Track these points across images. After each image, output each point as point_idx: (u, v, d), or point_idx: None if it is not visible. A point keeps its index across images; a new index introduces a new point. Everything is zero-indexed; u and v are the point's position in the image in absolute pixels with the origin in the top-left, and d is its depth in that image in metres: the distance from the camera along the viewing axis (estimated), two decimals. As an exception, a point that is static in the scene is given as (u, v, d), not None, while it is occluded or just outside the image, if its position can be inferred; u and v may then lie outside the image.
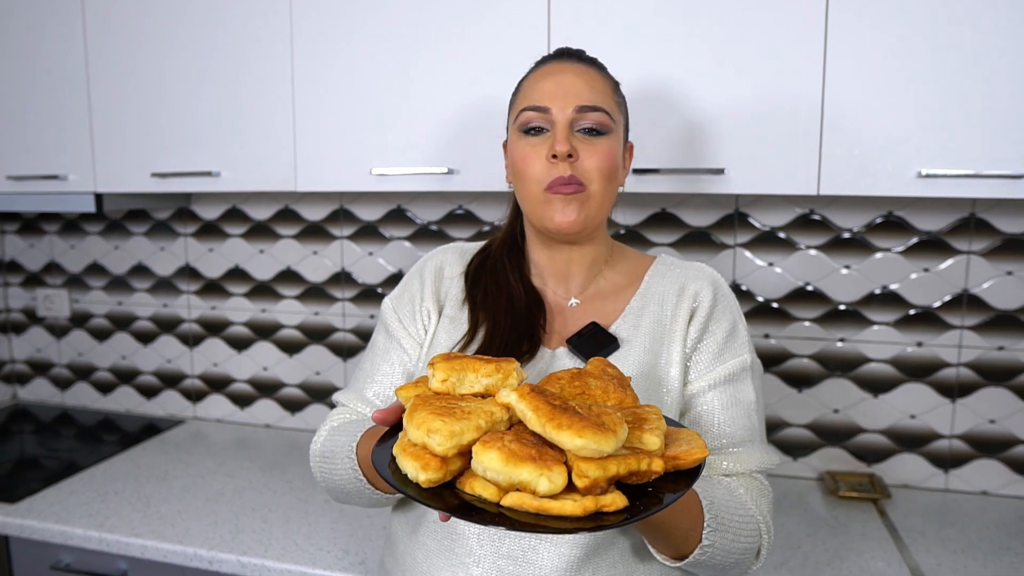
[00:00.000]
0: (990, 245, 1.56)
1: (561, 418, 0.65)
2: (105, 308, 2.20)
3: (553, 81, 0.99)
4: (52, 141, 1.74)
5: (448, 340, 1.04)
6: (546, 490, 0.63)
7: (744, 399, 0.99)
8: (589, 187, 0.97)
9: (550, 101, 0.97)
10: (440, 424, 0.67)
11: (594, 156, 0.97)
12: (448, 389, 0.76)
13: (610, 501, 0.64)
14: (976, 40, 1.21)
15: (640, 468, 0.68)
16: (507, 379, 0.77)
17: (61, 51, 1.70)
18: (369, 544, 1.39)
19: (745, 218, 1.67)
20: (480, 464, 0.65)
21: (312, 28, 1.51)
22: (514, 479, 0.64)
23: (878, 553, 1.35)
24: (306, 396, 2.04)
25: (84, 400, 2.26)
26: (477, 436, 0.68)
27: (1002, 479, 1.61)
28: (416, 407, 0.71)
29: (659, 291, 1.04)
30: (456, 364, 0.77)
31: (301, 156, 1.56)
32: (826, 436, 1.69)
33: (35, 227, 2.23)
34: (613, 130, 0.99)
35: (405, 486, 0.67)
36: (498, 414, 0.71)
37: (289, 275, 2.00)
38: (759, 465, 0.98)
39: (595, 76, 1.01)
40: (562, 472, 0.64)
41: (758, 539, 0.93)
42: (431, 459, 0.67)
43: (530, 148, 0.99)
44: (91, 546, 1.44)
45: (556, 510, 0.63)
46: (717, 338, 1.00)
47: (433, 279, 1.10)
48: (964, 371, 1.60)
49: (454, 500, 0.66)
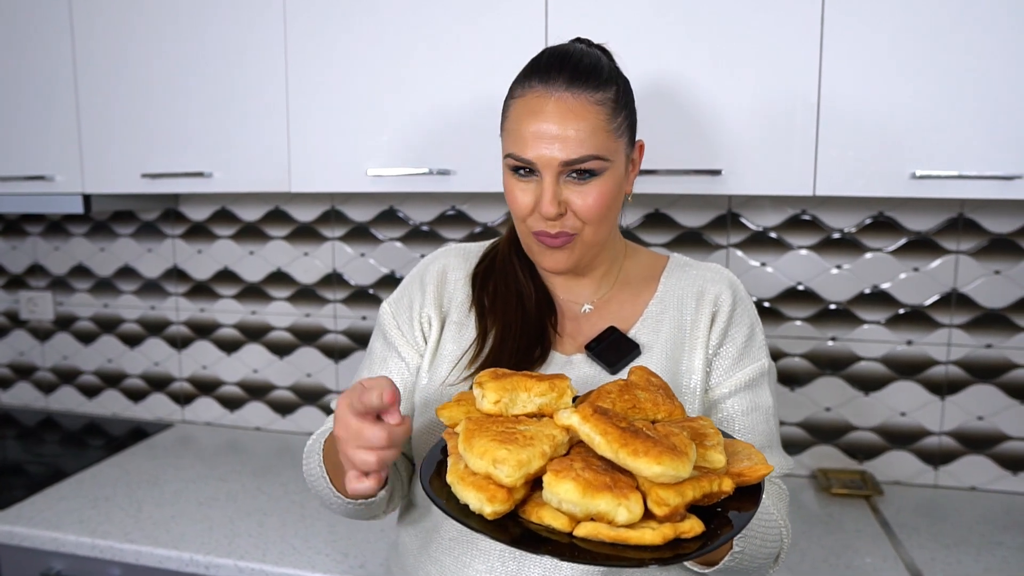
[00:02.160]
0: (978, 245, 1.58)
1: (636, 444, 0.62)
2: (90, 311, 2.16)
3: (536, 129, 0.90)
4: (39, 141, 1.70)
5: (457, 348, 1.00)
6: (625, 520, 0.61)
7: (763, 404, 0.99)
8: (580, 233, 0.94)
9: (534, 153, 0.90)
10: (506, 453, 0.64)
11: (584, 202, 0.91)
12: (501, 411, 0.73)
13: (688, 527, 0.62)
14: (970, 42, 1.23)
15: (712, 490, 0.66)
16: (561, 398, 0.74)
17: (48, 48, 1.67)
18: (369, 547, 1.38)
19: (738, 218, 1.69)
20: (555, 496, 0.63)
21: (306, 27, 1.50)
22: (591, 509, 0.62)
23: (873, 549, 1.37)
24: (297, 398, 2.02)
25: (69, 404, 2.23)
26: (544, 463, 0.65)
27: (990, 474, 1.64)
28: (472, 432, 0.67)
29: (677, 294, 1.02)
30: (507, 383, 0.74)
31: (295, 156, 1.54)
32: (818, 434, 1.71)
33: (18, 228, 2.19)
34: (608, 167, 0.92)
35: (466, 517, 0.64)
36: (560, 437, 0.68)
37: (280, 276, 1.99)
38: (778, 470, 0.98)
39: (584, 109, 0.90)
40: (639, 501, 0.62)
41: (779, 544, 0.92)
42: (497, 490, 0.64)
43: (520, 190, 0.94)
44: (84, 552, 1.42)
45: (635, 539, 0.60)
46: (737, 343, 0.99)
47: (435, 284, 1.05)
48: (953, 369, 1.63)
49: (519, 530, 0.63)
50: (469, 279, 1.06)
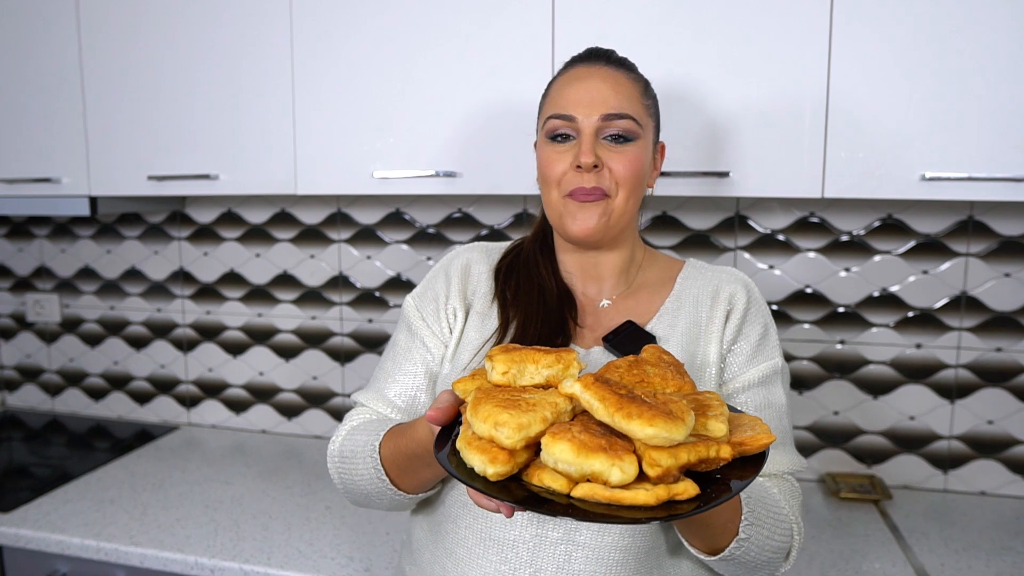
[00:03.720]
0: (988, 247, 1.57)
1: (630, 407, 0.64)
2: (97, 313, 2.17)
3: (579, 88, 0.98)
4: (45, 143, 1.71)
5: (479, 337, 1.02)
6: (618, 480, 0.63)
7: (776, 402, 1.00)
8: (613, 196, 0.98)
9: (575, 109, 0.97)
10: (507, 417, 0.66)
11: (620, 164, 0.97)
12: (509, 381, 0.75)
13: (682, 489, 0.64)
14: (980, 44, 1.22)
15: (709, 455, 0.67)
16: (568, 369, 0.77)
17: (55, 50, 1.67)
18: (374, 550, 1.38)
19: (745, 221, 1.68)
20: (551, 456, 0.65)
21: (313, 28, 1.50)
22: (586, 470, 0.64)
23: (882, 554, 1.36)
24: (303, 401, 2.02)
25: (75, 406, 2.23)
26: (544, 428, 0.67)
27: (1000, 479, 1.62)
28: (479, 400, 0.70)
29: (693, 293, 1.04)
30: (516, 356, 0.77)
31: (301, 158, 1.54)
32: (826, 438, 1.69)
33: (25, 231, 2.19)
34: (640, 136, 0.99)
35: (472, 480, 0.67)
36: (563, 405, 0.70)
37: (286, 279, 1.99)
38: (790, 467, 0.99)
39: (623, 79, 1.00)
40: (633, 462, 0.64)
41: (790, 539, 0.92)
42: (499, 452, 0.66)
43: (556, 154, 0.99)
44: (88, 555, 1.42)
45: (629, 500, 0.63)
46: (751, 340, 1.01)
47: (460, 277, 1.08)
48: (963, 372, 1.61)
49: (522, 492, 0.66)
50: (492, 273, 1.09)
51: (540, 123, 1.04)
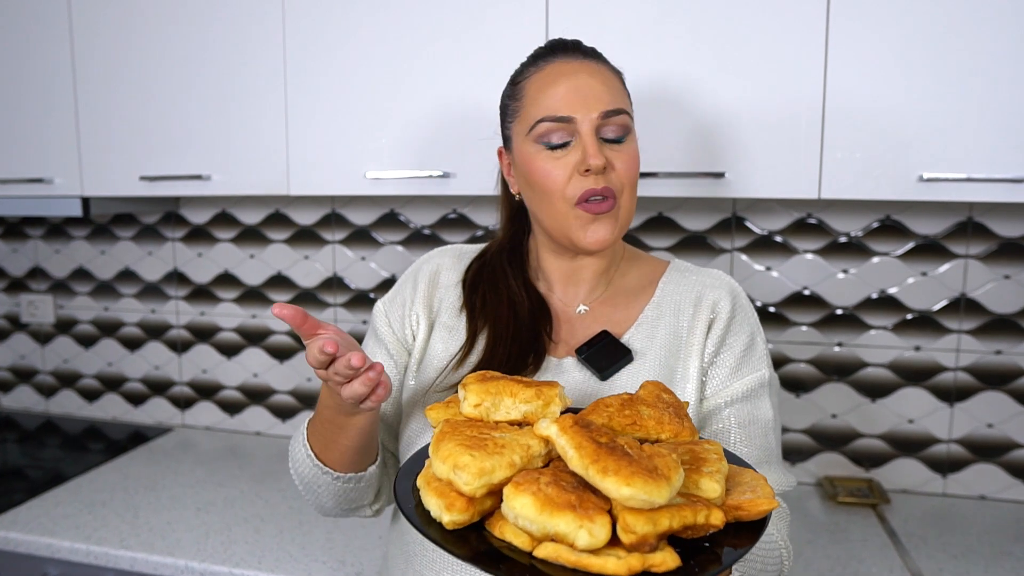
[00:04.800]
0: (988, 249, 1.55)
1: (607, 460, 0.56)
2: (91, 314, 2.16)
3: (569, 85, 0.91)
4: (37, 143, 1.70)
5: (444, 350, 0.98)
6: (585, 544, 0.55)
7: (761, 417, 0.94)
8: (620, 198, 0.92)
9: (571, 110, 0.90)
10: (468, 459, 0.60)
11: (623, 162, 0.91)
12: (481, 415, 0.69)
13: (659, 561, 0.56)
14: (977, 44, 1.21)
15: (696, 522, 0.59)
16: (548, 406, 0.69)
17: (48, 51, 1.66)
18: (365, 555, 1.36)
19: (743, 222, 1.66)
20: (511, 510, 0.58)
21: (305, 28, 1.49)
22: (549, 529, 0.56)
23: (879, 559, 1.34)
24: (297, 403, 2.00)
25: (69, 408, 2.22)
26: (510, 474, 0.60)
27: (1000, 483, 1.60)
28: (444, 435, 0.64)
29: (674, 300, 0.98)
30: (491, 387, 0.70)
31: (294, 159, 1.53)
32: (824, 441, 1.68)
33: (19, 231, 2.18)
34: (631, 132, 0.94)
35: (427, 526, 0.61)
36: (535, 448, 0.63)
37: (280, 280, 1.97)
38: (778, 486, 0.93)
39: (606, 72, 0.94)
40: (605, 524, 0.56)
41: (779, 566, 0.89)
42: (457, 498, 0.60)
43: (554, 161, 0.91)
44: (78, 559, 1.40)
45: (596, 568, 0.55)
46: (735, 352, 0.95)
47: (427, 285, 1.03)
48: (962, 375, 1.60)
49: (481, 546, 0.59)
50: (460, 284, 1.04)
51: (518, 126, 0.96)
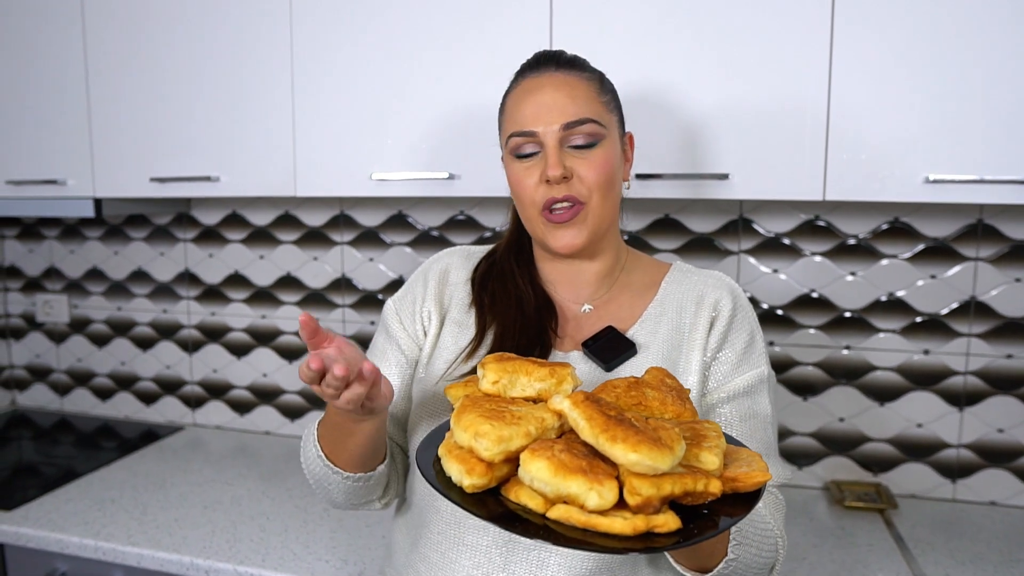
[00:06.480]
0: (998, 252, 1.54)
1: (615, 430, 0.61)
2: (104, 314, 2.18)
3: (533, 101, 0.96)
4: (51, 145, 1.72)
5: (454, 345, 1.02)
6: (595, 505, 0.60)
7: (760, 412, 0.98)
8: (588, 203, 0.96)
9: (534, 124, 0.95)
10: (488, 428, 0.65)
11: (589, 170, 0.95)
12: (499, 391, 0.74)
13: (662, 522, 0.61)
14: (982, 45, 1.19)
15: (696, 489, 0.64)
16: (561, 384, 0.75)
17: (60, 54, 1.69)
18: (368, 554, 1.37)
19: (749, 224, 1.65)
20: (527, 473, 0.63)
21: (312, 31, 1.50)
22: (562, 491, 0.61)
23: (886, 564, 1.33)
24: (306, 403, 2.02)
25: (83, 406, 2.25)
26: (526, 443, 0.66)
27: (1011, 489, 1.58)
28: (464, 408, 0.69)
29: (677, 298, 1.02)
30: (508, 366, 0.75)
31: (301, 161, 1.54)
32: (831, 445, 1.66)
33: (35, 232, 2.22)
34: (606, 135, 0.97)
35: (448, 489, 0.66)
36: (549, 421, 0.68)
37: (289, 281, 1.99)
38: (775, 479, 0.97)
39: (576, 82, 0.97)
40: (613, 487, 0.61)
41: (775, 554, 0.91)
42: (477, 464, 0.65)
43: (524, 170, 0.97)
44: (87, 555, 1.42)
45: (604, 527, 0.60)
46: (736, 349, 0.99)
47: (437, 282, 1.08)
48: (972, 379, 1.58)
49: (498, 508, 0.64)
50: (469, 282, 1.07)
51: (503, 140, 1.02)
